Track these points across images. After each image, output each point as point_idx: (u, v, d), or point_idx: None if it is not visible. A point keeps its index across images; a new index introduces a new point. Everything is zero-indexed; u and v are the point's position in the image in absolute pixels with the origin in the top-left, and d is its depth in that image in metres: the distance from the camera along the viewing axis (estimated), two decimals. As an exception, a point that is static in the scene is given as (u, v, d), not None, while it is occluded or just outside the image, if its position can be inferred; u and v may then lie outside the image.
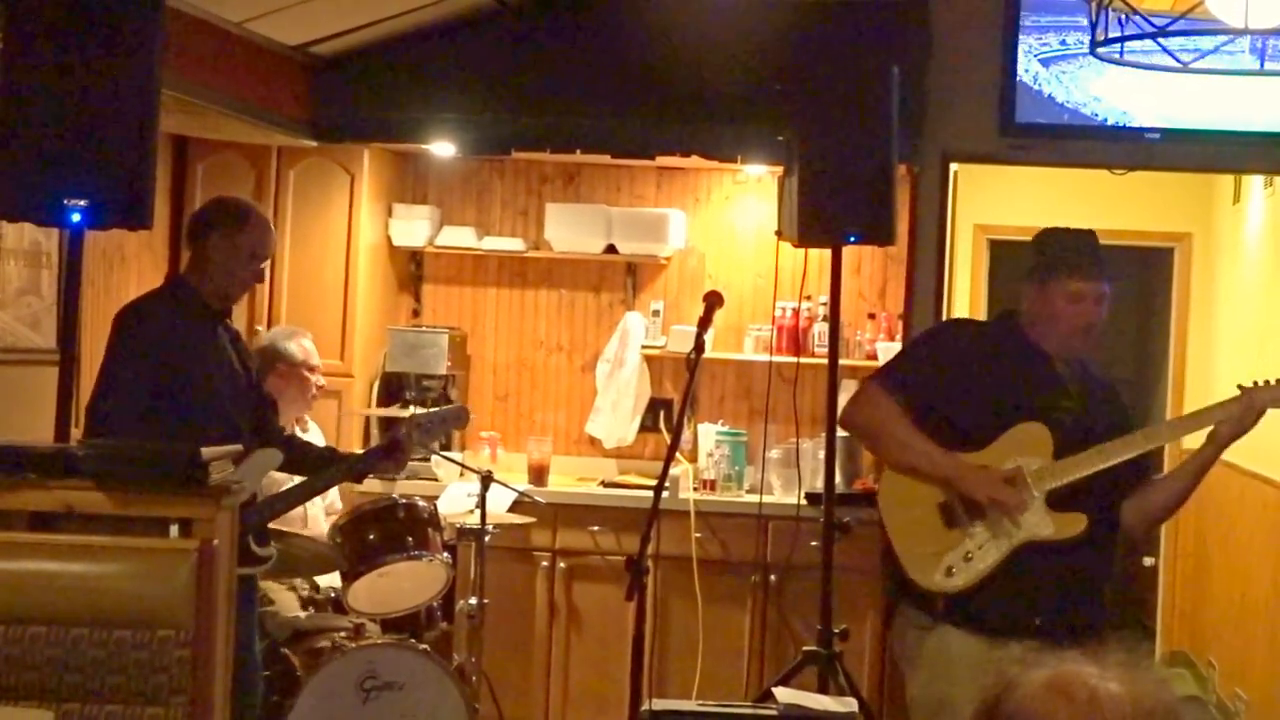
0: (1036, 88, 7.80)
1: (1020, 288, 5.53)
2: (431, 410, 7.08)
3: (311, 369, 7.48)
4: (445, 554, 7.22)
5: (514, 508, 7.96)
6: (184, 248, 6.10)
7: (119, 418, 5.55)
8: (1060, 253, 5.47)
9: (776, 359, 8.34)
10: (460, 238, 8.98)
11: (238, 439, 5.26)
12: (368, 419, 8.61)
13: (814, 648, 7.03)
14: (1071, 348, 5.46)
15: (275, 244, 6.32)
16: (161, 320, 5.80)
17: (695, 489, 8.46)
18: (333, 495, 7.77)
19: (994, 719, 2.18)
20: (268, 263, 6.12)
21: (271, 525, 6.34)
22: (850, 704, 5.66)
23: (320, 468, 6.34)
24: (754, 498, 8.13)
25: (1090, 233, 5.53)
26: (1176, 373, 10.64)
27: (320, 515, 7.48)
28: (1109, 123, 7.80)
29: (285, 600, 7.14)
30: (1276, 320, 8.72)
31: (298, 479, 6.35)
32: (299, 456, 6.26)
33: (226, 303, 6.01)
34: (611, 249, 8.85)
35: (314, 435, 7.68)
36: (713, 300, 5.92)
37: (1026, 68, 7.81)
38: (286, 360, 7.42)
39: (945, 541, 5.43)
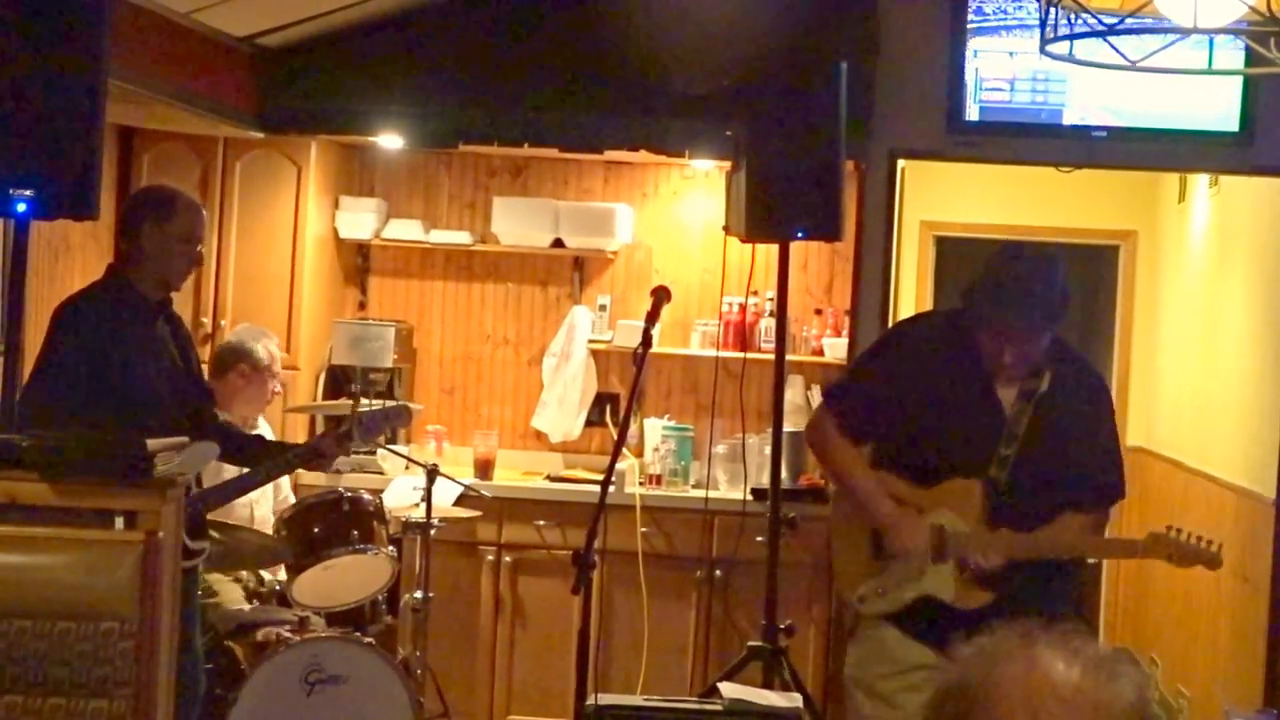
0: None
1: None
2: (374, 408, 7.07)
3: (273, 375, 7.53)
4: (390, 547, 7.22)
5: (460, 501, 7.96)
6: (116, 242, 6.08)
7: (52, 409, 5.53)
8: (986, 294, 5.42)
9: (723, 354, 8.35)
10: (407, 231, 8.96)
11: (173, 431, 5.24)
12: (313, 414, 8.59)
13: (759, 643, 7.04)
14: (1002, 373, 5.47)
15: (206, 225, 6.30)
16: (100, 314, 5.81)
17: (641, 484, 8.47)
18: (285, 491, 7.78)
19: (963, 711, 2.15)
20: (203, 245, 6.12)
21: (218, 519, 6.35)
22: (795, 699, 5.68)
23: (255, 459, 6.34)
24: (700, 493, 8.13)
25: (1037, 269, 5.41)
26: (1121, 370, 10.68)
27: (269, 516, 7.47)
28: (1038, 104, 7.84)
29: (230, 592, 7.12)
30: (1220, 318, 8.77)
31: (237, 469, 6.37)
32: (235, 447, 6.26)
33: (167, 291, 6.01)
34: (559, 243, 8.84)
35: (263, 431, 7.66)
36: (660, 295, 5.94)
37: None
38: (251, 361, 7.46)
39: (869, 568, 5.61)
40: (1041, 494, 5.42)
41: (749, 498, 7.80)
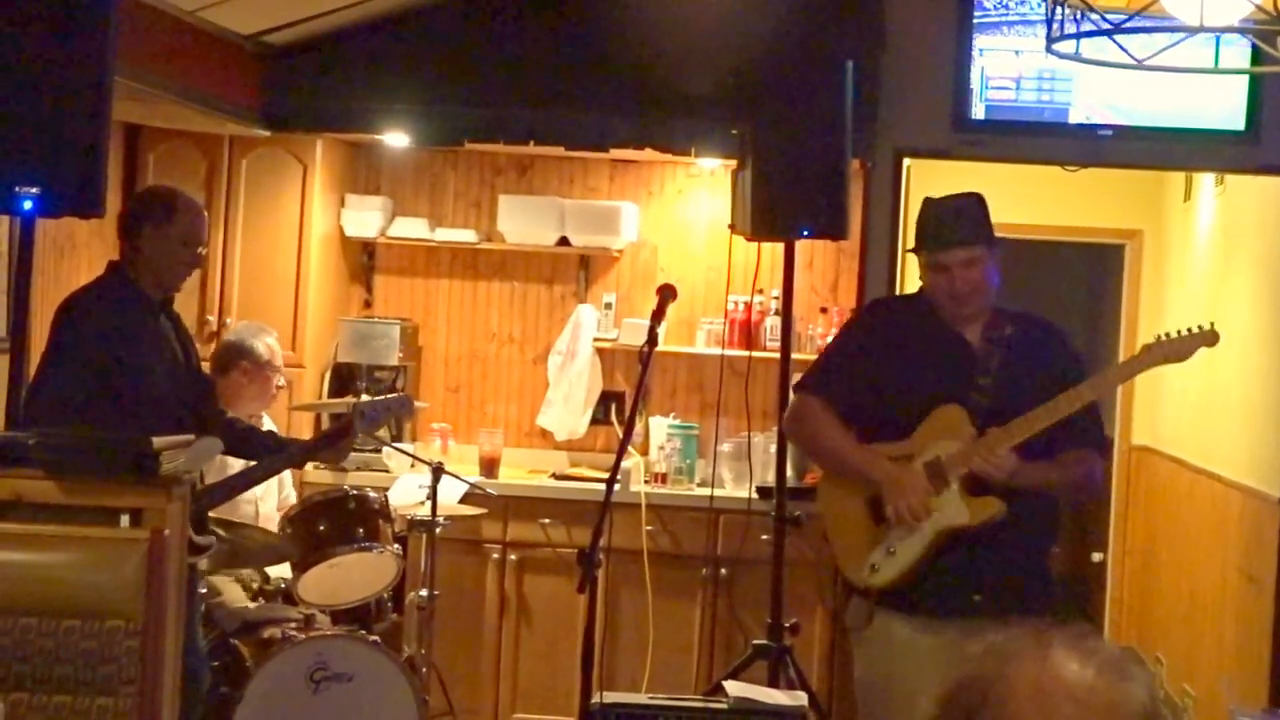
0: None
1: None
2: (375, 398, 7.07)
3: (275, 370, 7.51)
4: (395, 545, 7.21)
5: (465, 500, 7.95)
6: (118, 241, 6.08)
7: (58, 407, 5.54)
8: (920, 226, 5.62)
9: (728, 353, 8.35)
10: (413, 229, 8.95)
11: (177, 427, 5.23)
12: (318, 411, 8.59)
13: (764, 641, 7.04)
14: (960, 316, 5.51)
15: (207, 228, 6.29)
16: (104, 310, 5.80)
17: (646, 482, 8.46)
18: (288, 488, 7.78)
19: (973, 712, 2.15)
20: (203, 248, 6.11)
21: (223, 517, 6.35)
22: (800, 697, 5.68)
23: (262, 452, 6.34)
24: (705, 491, 8.12)
25: (959, 198, 5.64)
26: (1126, 369, 10.66)
27: (273, 514, 7.47)
28: (1044, 102, 7.85)
29: (232, 592, 7.12)
30: (1225, 317, 8.76)
31: (243, 463, 6.37)
32: (241, 441, 6.26)
33: (166, 292, 6.00)
34: (564, 241, 8.83)
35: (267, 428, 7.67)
36: (666, 293, 5.93)
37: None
38: (252, 359, 7.45)
39: (873, 536, 5.54)
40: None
41: (754, 496, 7.80)
